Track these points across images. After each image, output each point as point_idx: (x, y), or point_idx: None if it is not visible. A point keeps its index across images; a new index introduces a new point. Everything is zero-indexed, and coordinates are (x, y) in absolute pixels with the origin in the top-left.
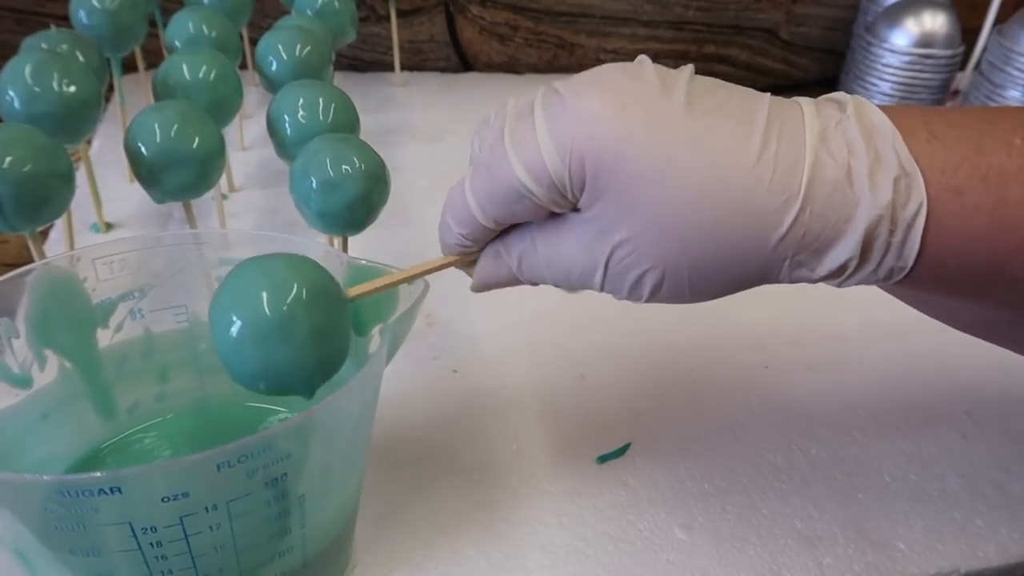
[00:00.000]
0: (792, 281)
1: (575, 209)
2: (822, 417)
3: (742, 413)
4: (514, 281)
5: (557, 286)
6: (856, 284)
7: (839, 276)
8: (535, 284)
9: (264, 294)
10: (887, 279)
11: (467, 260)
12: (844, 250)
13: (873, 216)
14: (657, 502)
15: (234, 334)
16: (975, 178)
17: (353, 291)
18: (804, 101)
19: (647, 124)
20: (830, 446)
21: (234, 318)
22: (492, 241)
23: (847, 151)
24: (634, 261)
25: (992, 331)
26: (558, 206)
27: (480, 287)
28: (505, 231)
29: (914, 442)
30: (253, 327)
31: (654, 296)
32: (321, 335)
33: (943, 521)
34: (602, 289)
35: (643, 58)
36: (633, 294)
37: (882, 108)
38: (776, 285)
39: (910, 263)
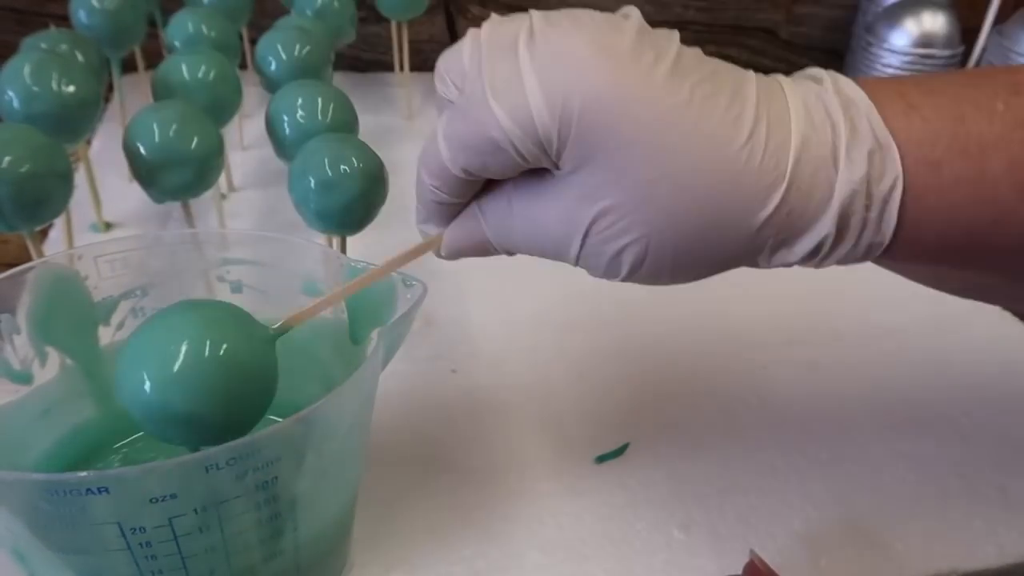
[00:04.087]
0: (771, 265)
1: (555, 168)
2: (820, 417)
3: (741, 413)
4: (486, 247)
5: (530, 254)
6: (837, 262)
7: (816, 255)
8: (508, 253)
9: (164, 350)
10: (866, 255)
11: (433, 245)
12: (821, 228)
13: (847, 191)
14: (655, 502)
15: (134, 392)
16: (954, 150)
17: (289, 319)
18: (782, 78)
19: (644, 88)
20: (829, 446)
21: (131, 377)
22: (468, 203)
23: (830, 127)
24: (617, 231)
25: (983, 293)
26: (536, 162)
27: (450, 251)
28: (481, 191)
29: (913, 442)
30: (151, 385)
31: (633, 273)
32: (232, 384)
33: (942, 521)
34: (577, 261)
35: (630, 10)
36: (610, 268)
37: (858, 81)
38: (776, 284)
39: (888, 238)
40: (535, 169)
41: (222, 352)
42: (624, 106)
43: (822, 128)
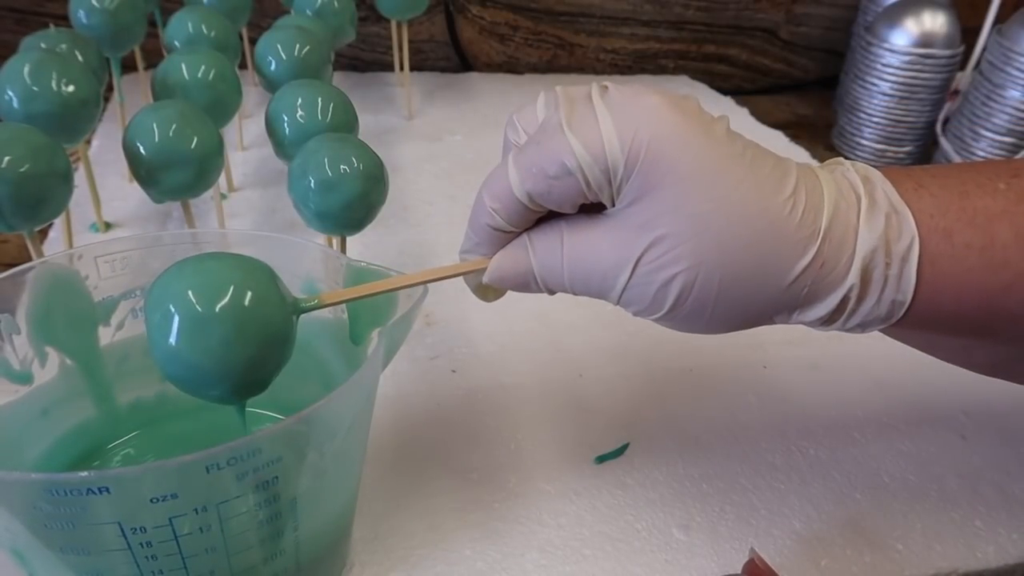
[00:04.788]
0: (802, 319)
1: (611, 204)
2: (821, 417)
3: (741, 413)
4: (528, 280)
5: (572, 290)
6: (862, 326)
7: (843, 311)
8: (548, 291)
9: (190, 291)
10: (889, 315)
11: (474, 267)
12: (847, 281)
13: (868, 247)
14: (655, 502)
15: (159, 325)
16: (963, 220)
17: (327, 297)
18: (813, 165)
19: (705, 135)
20: (829, 446)
21: (161, 309)
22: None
23: (854, 196)
24: (669, 260)
25: (1011, 371)
26: (598, 193)
27: (494, 277)
28: (533, 227)
29: (913, 442)
30: (176, 322)
31: (677, 306)
32: (244, 344)
33: (942, 522)
34: (621, 295)
35: (689, 96)
36: (656, 299)
37: (871, 166)
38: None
39: (908, 297)
40: (589, 210)
41: (248, 305)
42: (687, 146)
43: (848, 196)
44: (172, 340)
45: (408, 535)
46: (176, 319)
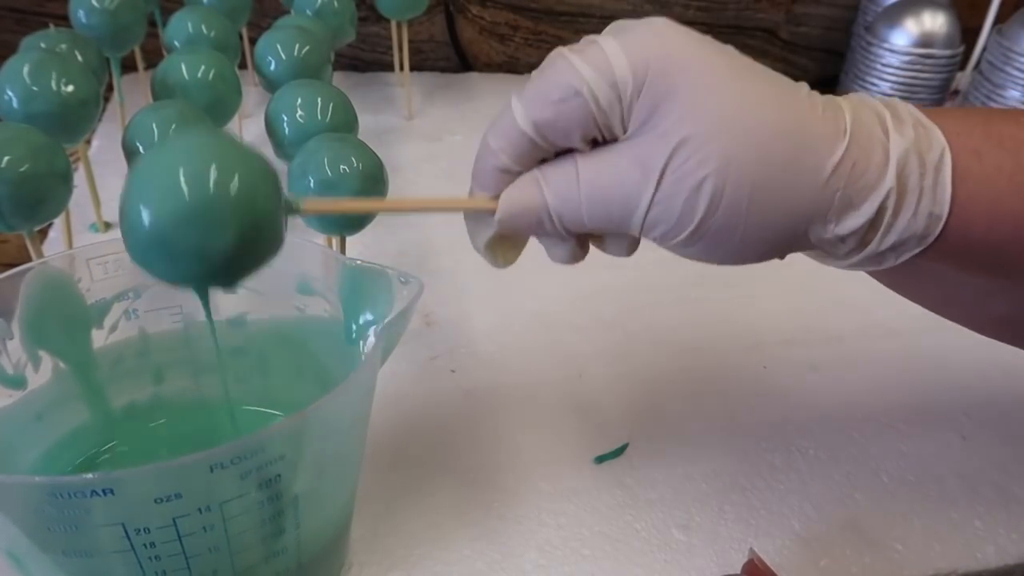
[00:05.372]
0: (837, 233)
1: (624, 131)
2: (820, 417)
3: (740, 413)
4: (542, 215)
5: (589, 221)
6: (895, 247)
7: (880, 223)
8: (564, 229)
9: (182, 165)
10: (925, 234)
11: (481, 205)
12: (884, 185)
13: (901, 150)
14: (655, 502)
15: (140, 192)
16: (991, 142)
17: (310, 205)
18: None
19: (712, 44)
20: (828, 446)
21: (148, 185)
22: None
23: (875, 112)
24: (696, 163)
25: (1022, 326)
26: (608, 113)
27: (506, 215)
28: (543, 163)
29: (913, 442)
30: (160, 194)
31: (708, 216)
32: (229, 228)
33: (941, 522)
34: (647, 215)
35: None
36: (685, 212)
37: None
38: (776, 284)
39: (945, 209)
40: (602, 144)
41: (234, 193)
42: (697, 52)
43: (868, 110)
44: (151, 212)
45: (407, 535)
46: (152, 201)
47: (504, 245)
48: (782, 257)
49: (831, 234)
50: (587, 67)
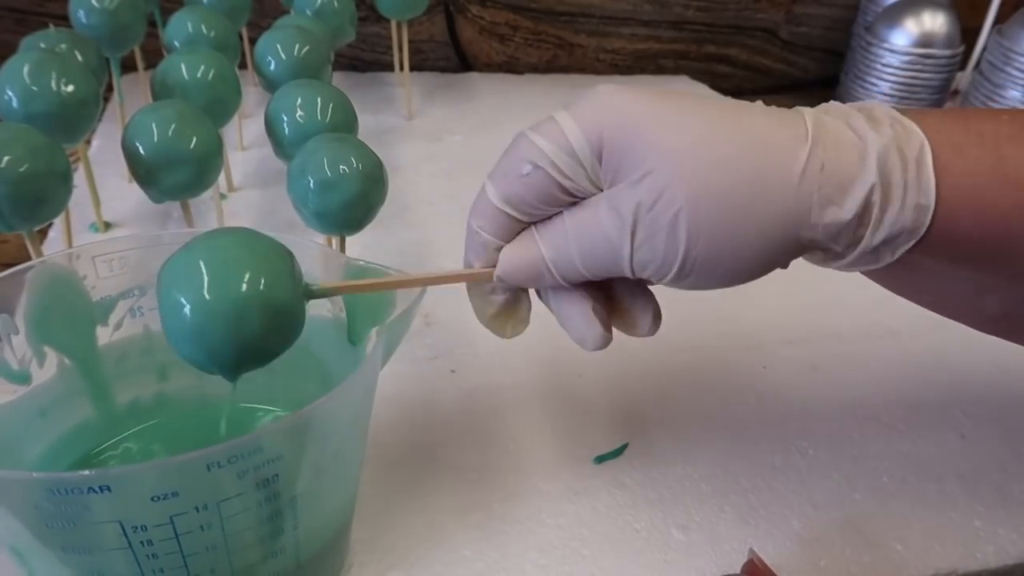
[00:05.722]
0: (825, 231)
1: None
2: (820, 417)
3: (740, 413)
4: (541, 268)
5: (584, 268)
6: (888, 241)
7: (868, 217)
8: (564, 279)
9: (203, 273)
10: (915, 226)
11: (480, 273)
12: (865, 179)
13: (880, 146)
14: (654, 502)
15: (170, 305)
16: (970, 137)
17: (325, 285)
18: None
19: (660, 95)
20: (828, 446)
21: (173, 289)
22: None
23: (842, 114)
24: (666, 203)
25: (1019, 323)
26: (574, 179)
27: (505, 270)
28: (538, 222)
29: (912, 442)
30: (187, 303)
31: (692, 249)
32: (254, 327)
33: (941, 522)
34: (632, 257)
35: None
36: (668, 249)
37: None
38: (776, 284)
39: (932, 199)
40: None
41: (261, 290)
42: (646, 107)
43: (834, 115)
44: (182, 321)
45: (407, 535)
46: (187, 300)
47: (512, 318)
48: (785, 266)
49: (820, 234)
50: (545, 142)
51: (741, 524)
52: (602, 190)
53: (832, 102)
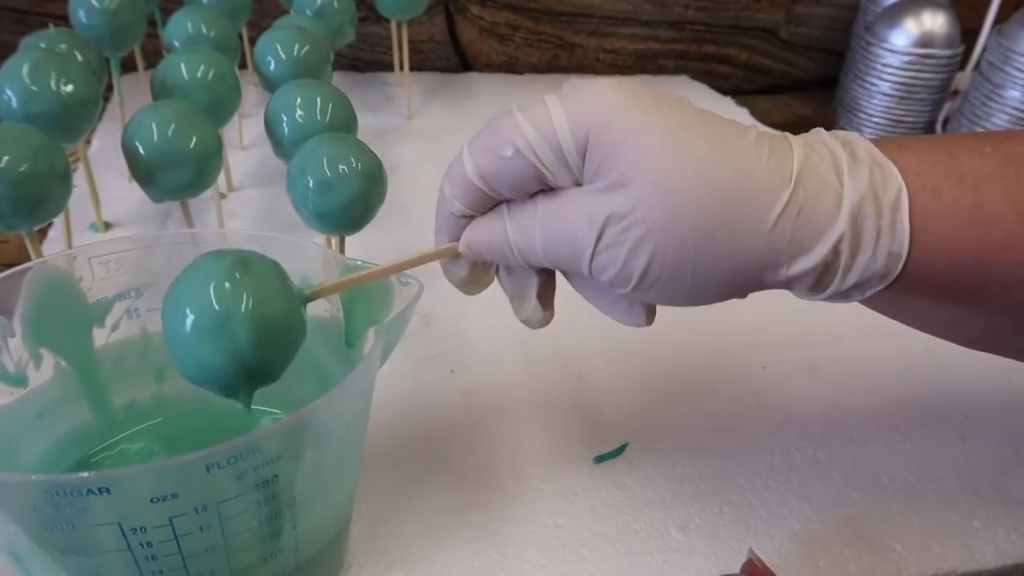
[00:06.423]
0: (790, 276)
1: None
2: (819, 418)
3: (739, 413)
4: (504, 248)
5: (544, 257)
6: (859, 284)
7: (836, 265)
8: (525, 261)
9: (204, 293)
10: (886, 273)
11: (445, 251)
12: (836, 228)
13: (856, 196)
14: (654, 503)
15: (174, 329)
16: (950, 180)
17: (316, 289)
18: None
19: (654, 102)
20: (827, 447)
21: (177, 313)
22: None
23: (829, 153)
24: (636, 218)
25: (1001, 344)
26: (554, 174)
27: (469, 245)
28: (511, 201)
29: (912, 443)
30: (190, 327)
31: (650, 271)
32: (258, 343)
33: (940, 522)
34: (591, 260)
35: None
36: (627, 265)
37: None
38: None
39: (904, 249)
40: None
41: (255, 307)
42: (637, 113)
43: (821, 152)
44: (187, 344)
45: (406, 535)
46: (190, 324)
47: (478, 282)
48: (743, 297)
49: (784, 277)
50: (531, 129)
51: (740, 524)
52: (580, 184)
53: (818, 131)
